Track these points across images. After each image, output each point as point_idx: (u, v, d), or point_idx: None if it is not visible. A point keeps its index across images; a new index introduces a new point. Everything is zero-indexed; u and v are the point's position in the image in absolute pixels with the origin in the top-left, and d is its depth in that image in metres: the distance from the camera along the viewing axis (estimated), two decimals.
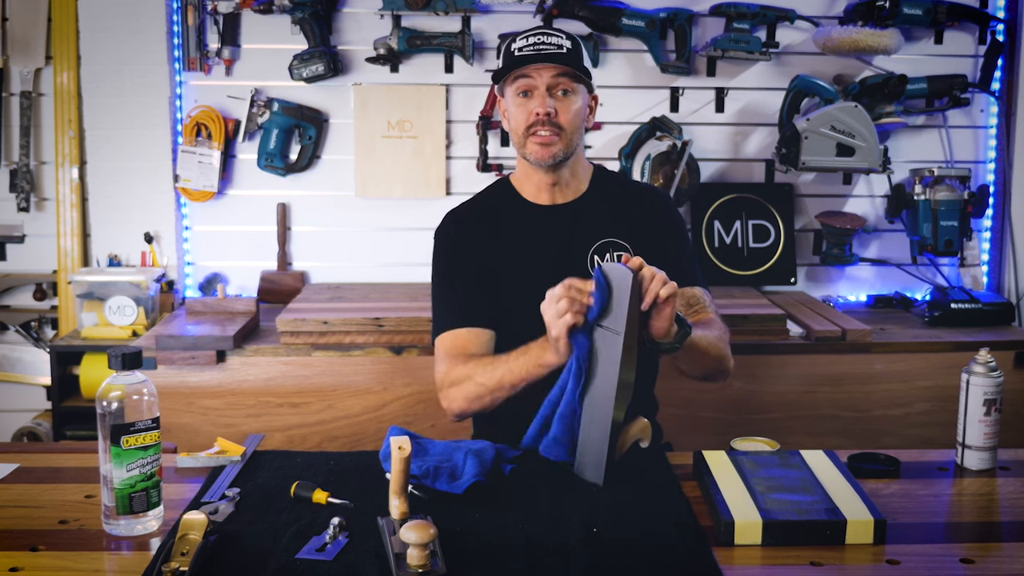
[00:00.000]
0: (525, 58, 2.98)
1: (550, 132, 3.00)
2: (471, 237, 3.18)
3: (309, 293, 4.60)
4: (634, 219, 3.16)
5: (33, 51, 4.70)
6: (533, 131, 3.01)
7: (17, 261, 4.85)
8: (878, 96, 4.64)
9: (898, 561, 2.14)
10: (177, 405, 4.06)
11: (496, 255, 3.13)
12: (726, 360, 3.03)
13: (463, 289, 3.11)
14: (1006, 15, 4.81)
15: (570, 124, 3.02)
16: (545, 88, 2.99)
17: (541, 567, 2.09)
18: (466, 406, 2.94)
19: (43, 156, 4.78)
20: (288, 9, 4.60)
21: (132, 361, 2.28)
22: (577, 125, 3.05)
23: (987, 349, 2.63)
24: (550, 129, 2.99)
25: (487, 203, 3.26)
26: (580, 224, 3.13)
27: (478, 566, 2.09)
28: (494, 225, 3.18)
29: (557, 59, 2.97)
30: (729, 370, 3.07)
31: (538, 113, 2.98)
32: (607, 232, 3.11)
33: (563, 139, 3.02)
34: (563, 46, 2.98)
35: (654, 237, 3.12)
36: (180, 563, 2.03)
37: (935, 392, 4.18)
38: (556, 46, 2.97)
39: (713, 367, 2.99)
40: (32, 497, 2.50)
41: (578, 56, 3.02)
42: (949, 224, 4.64)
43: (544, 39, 2.98)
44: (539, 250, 3.10)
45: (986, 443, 2.60)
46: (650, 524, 2.28)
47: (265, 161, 4.74)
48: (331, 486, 2.47)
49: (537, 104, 2.99)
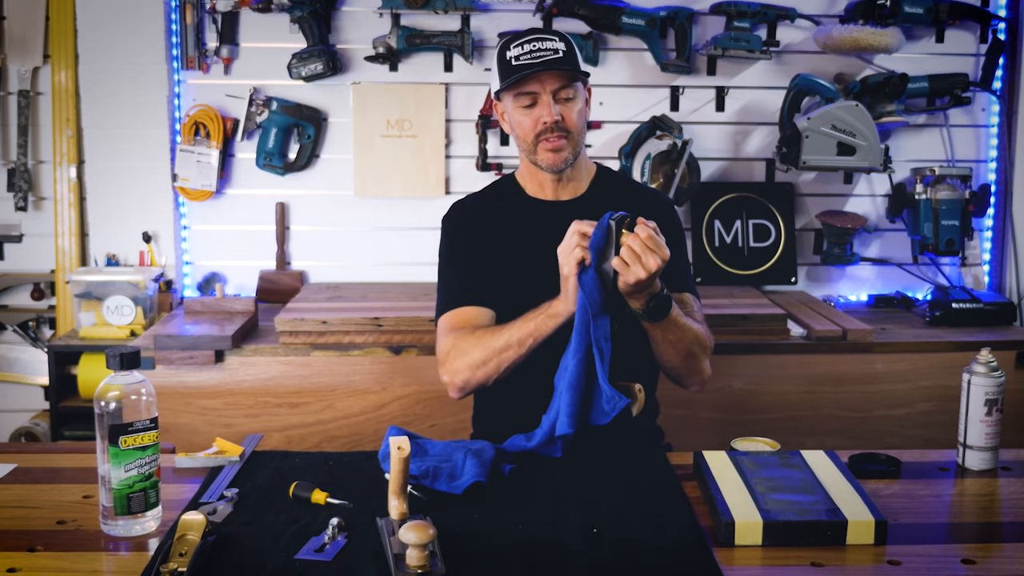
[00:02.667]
0: (524, 67, 2.98)
1: (559, 137, 3.02)
2: (476, 225, 3.22)
3: (308, 293, 4.60)
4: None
5: (31, 50, 4.70)
6: (543, 138, 3.03)
7: (15, 260, 4.85)
8: (879, 95, 4.64)
9: (899, 562, 2.15)
10: (175, 405, 4.06)
11: (499, 246, 3.16)
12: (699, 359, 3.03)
13: (466, 270, 3.15)
14: (1007, 14, 4.81)
15: (576, 126, 3.05)
16: (550, 95, 3.00)
17: (541, 567, 2.09)
18: (469, 375, 2.95)
19: (41, 155, 4.78)
20: (287, 8, 4.60)
21: (130, 361, 2.28)
22: (582, 126, 3.09)
23: (988, 349, 2.64)
24: (559, 134, 3.02)
25: (493, 196, 3.31)
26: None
27: (477, 567, 2.10)
28: (498, 217, 3.21)
29: (557, 65, 2.98)
30: (704, 374, 3.07)
31: (546, 122, 3.00)
32: None
33: (571, 142, 3.05)
34: (559, 49, 3.00)
35: None
36: (178, 564, 2.03)
37: (936, 392, 4.18)
38: (553, 51, 2.99)
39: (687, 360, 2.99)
40: (30, 497, 2.50)
41: (574, 56, 3.04)
42: (950, 223, 4.65)
43: (540, 44, 2.99)
44: (540, 244, 3.08)
45: (988, 443, 2.60)
46: (650, 525, 2.28)
47: (264, 160, 4.74)
48: (330, 486, 2.47)
49: (544, 112, 3.01)
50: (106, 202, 4.74)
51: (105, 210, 4.75)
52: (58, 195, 4.71)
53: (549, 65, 2.97)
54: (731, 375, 4.18)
